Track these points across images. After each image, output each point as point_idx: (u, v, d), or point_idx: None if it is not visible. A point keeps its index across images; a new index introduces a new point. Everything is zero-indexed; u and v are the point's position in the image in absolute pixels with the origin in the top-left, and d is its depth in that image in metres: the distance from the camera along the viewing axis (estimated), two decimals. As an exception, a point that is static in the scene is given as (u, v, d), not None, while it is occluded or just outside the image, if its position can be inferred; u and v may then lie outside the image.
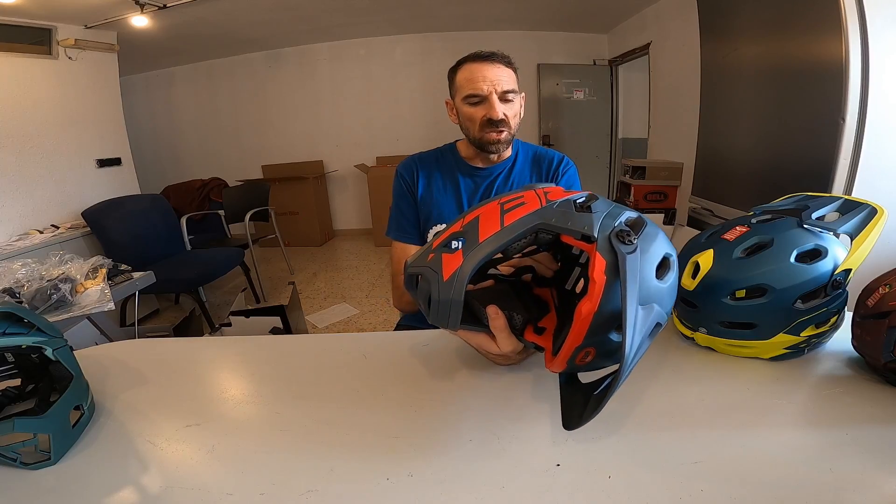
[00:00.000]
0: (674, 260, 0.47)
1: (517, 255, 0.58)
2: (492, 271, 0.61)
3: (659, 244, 0.45)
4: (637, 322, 0.40)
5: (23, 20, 2.67)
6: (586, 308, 0.41)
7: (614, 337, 0.44)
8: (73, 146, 2.96)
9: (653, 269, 0.43)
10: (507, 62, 0.96)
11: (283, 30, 3.99)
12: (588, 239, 0.43)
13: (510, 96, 0.95)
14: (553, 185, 0.52)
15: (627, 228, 0.43)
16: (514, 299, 0.56)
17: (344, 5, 3.50)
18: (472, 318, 0.54)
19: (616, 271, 0.41)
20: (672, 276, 0.46)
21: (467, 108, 0.97)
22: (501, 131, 0.96)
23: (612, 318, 0.42)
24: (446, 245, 0.45)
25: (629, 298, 0.39)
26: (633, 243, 0.42)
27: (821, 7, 1.57)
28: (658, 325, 0.44)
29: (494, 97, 0.93)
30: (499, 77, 0.93)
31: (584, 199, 0.47)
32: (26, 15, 2.64)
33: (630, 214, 0.46)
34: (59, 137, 2.87)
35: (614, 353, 0.45)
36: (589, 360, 0.45)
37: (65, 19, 2.82)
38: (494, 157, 1.02)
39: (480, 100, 0.94)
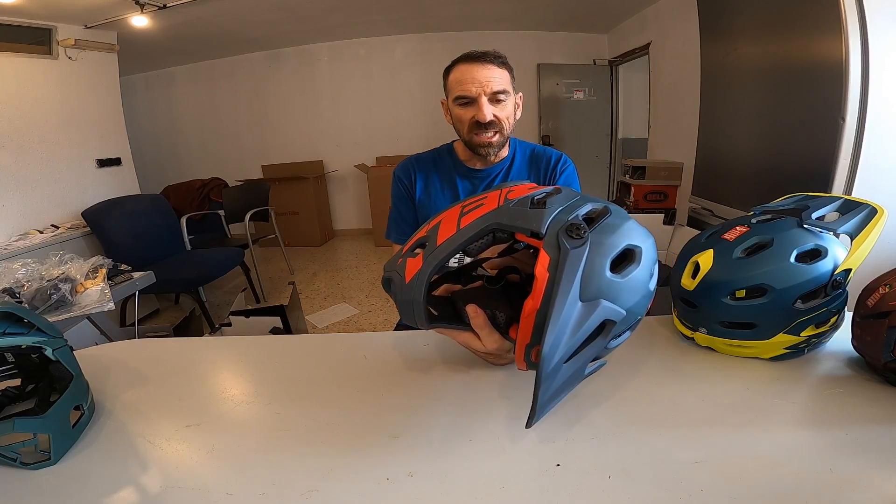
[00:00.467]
0: (642, 251, 0.45)
1: (498, 256, 0.60)
2: (480, 271, 0.61)
3: (620, 236, 0.44)
4: (572, 319, 0.39)
5: (23, 20, 2.67)
6: (529, 306, 0.41)
7: None
8: (73, 146, 2.96)
9: (606, 263, 0.42)
10: (501, 62, 0.93)
11: (283, 30, 3.99)
12: (537, 236, 0.43)
13: (501, 97, 0.92)
14: (528, 182, 0.52)
15: (580, 222, 0.42)
16: (500, 298, 0.57)
17: (344, 5, 3.50)
18: (457, 318, 0.55)
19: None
20: (636, 269, 0.44)
21: (457, 109, 0.95)
22: (491, 135, 0.93)
23: None
24: (412, 249, 0.47)
25: (560, 294, 0.39)
26: (581, 237, 0.41)
27: (821, 7, 1.58)
28: (610, 322, 0.42)
29: (483, 99, 0.91)
30: (489, 78, 0.91)
31: (543, 195, 0.46)
32: (26, 15, 2.64)
33: (594, 206, 0.46)
34: (59, 137, 2.86)
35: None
36: None
37: (65, 19, 2.82)
38: (490, 157, 1.00)
39: (469, 101, 0.92)
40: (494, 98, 0.92)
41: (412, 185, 1.09)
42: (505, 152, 1.06)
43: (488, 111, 0.90)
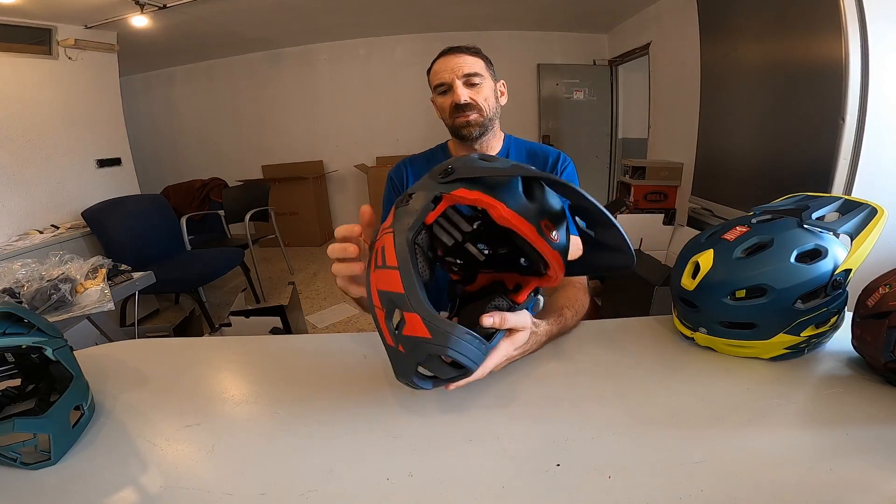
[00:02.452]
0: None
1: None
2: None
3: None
4: None
5: (23, 20, 2.67)
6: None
7: None
8: (73, 146, 2.96)
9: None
10: (473, 52, 0.98)
11: (283, 30, 3.99)
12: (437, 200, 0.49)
13: (475, 80, 0.96)
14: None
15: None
16: (487, 296, 0.60)
17: (344, 5, 3.50)
18: (486, 333, 0.55)
19: None
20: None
21: (438, 99, 1.00)
22: (468, 114, 0.96)
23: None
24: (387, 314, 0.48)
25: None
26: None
27: (821, 7, 1.58)
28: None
29: (457, 82, 0.95)
30: (460, 64, 0.96)
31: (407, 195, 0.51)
32: (26, 15, 2.64)
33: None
34: (59, 137, 2.86)
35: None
36: None
37: (65, 19, 2.82)
38: (474, 140, 1.00)
39: (446, 88, 0.97)
40: (468, 81, 0.96)
41: (403, 185, 1.09)
42: (497, 146, 1.05)
43: (462, 92, 0.95)
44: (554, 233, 0.52)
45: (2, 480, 0.48)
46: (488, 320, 0.53)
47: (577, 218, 0.57)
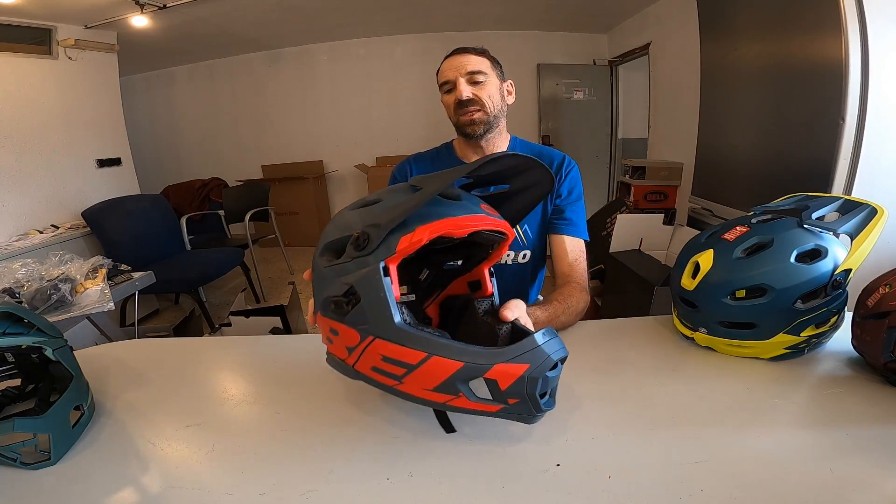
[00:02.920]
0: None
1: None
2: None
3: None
4: None
5: (23, 20, 2.66)
6: None
7: None
8: (73, 146, 2.96)
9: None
10: (478, 52, 1.00)
11: (283, 30, 3.99)
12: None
13: (479, 77, 0.97)
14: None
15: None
16: (461, 312, 0.59)
17: (344, 5, 3.49)
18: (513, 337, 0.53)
19: None
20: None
21: (444, 97, 1.01)
22: (472, 112, 0.97)
23: None
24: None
25: None
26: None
27: (821, 7, 1.57)
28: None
29: (461, 79, 0.96)
30: (464, 62, 0.97)
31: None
32: (26, 15, 2.64)
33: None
34: (59, 137, 2.86)
35: None
36: None
37: (65, 19, 2.82)
38: (478, 137, 1.00)
39: (451, 86, 0.98)
40: (472, 79, 0.97)
41: None
42: (501, 145, 1.05)
43: (465, 89, 0.96)
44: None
45: (2, 480, 0.48)
46: (510, 314, 0.52)
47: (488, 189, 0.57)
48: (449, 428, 0.52)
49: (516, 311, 0.53)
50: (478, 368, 0.42)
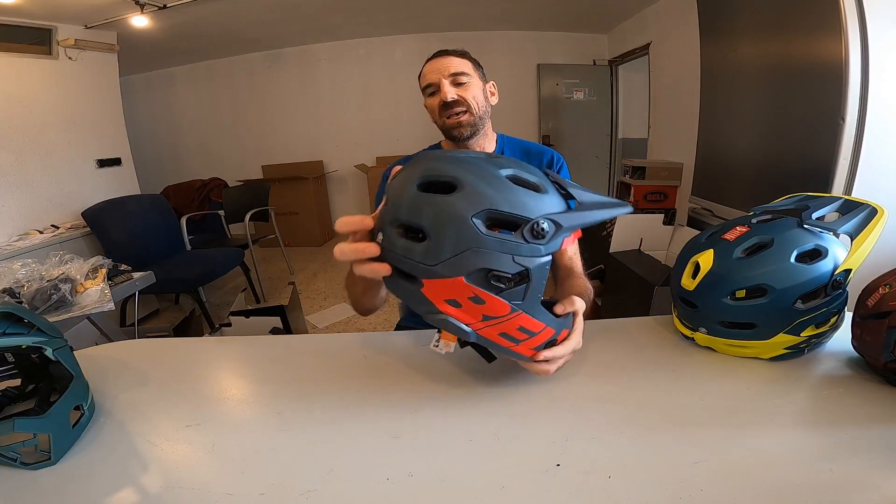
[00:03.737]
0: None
1: None
2: None
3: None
4: None
5: (23, 20, 2.66)
6: None
7: None
8: (73, 146, 2.96)
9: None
10: (459, 53, 0.99)
11: (283, 30, 3.99)
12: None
13: (462, 79, 0.97)
14: None
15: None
16: None
17: (344, 5, 3.50)
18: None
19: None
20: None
21: (428, 100, 1.01)
22: (459, 115, 0.97)
23: None
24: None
25: None
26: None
27: (821, 7, 1.57)
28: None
29: (444, 81, 0.96)
30: (446, 64, 0.97)
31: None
32: (26, 15, 2.64)
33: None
34: (59, 137, 2.86)
35: None
36: None
37: (65, 19, 2.82)
38: (466, 140, 1.00)
39: (434, 89, 0.98)
40: (455, 80, 0.97)
41: None
42: (490, 146, 1.05)
43: (450, 90, 0.95)
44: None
45: (2, 480, 0.48)
46: (561, 308, 0.58)
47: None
48: (490, 357, 0.60)
49: (567, 305, 0.59)
50: (557, 334, 0.55)
